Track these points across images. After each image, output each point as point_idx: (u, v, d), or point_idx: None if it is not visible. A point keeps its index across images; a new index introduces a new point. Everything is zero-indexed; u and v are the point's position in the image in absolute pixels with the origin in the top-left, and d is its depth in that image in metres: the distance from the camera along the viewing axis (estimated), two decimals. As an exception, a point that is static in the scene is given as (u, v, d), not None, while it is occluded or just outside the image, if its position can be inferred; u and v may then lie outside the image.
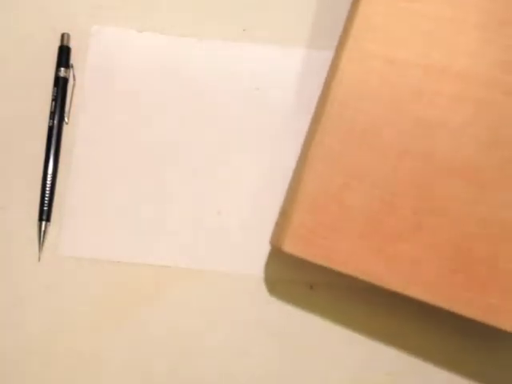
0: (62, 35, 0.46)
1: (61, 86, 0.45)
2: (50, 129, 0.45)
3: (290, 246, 0.38)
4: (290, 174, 0.42)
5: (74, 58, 0.46)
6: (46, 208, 0.44)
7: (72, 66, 0.46)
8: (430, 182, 0.38)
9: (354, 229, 0.38)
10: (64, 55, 0.46)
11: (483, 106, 0.38)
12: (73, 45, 0.46)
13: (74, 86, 0.46)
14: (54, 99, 0.45)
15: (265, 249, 0.44)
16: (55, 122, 0.45)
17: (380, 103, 0.38)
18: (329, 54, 0.42)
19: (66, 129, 0.45)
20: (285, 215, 0.39)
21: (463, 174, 0.38)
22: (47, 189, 0.44)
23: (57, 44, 0.46)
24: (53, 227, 0.44)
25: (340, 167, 0.38)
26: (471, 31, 0.38)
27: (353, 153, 0.38)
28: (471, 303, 0.37)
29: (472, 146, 0.38)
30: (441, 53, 0.38)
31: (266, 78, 0.46)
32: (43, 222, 0.44)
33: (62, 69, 0.45)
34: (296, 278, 0.44)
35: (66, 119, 0.45)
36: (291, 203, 0.39)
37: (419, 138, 0.38)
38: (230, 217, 0.44)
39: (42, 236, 0.44)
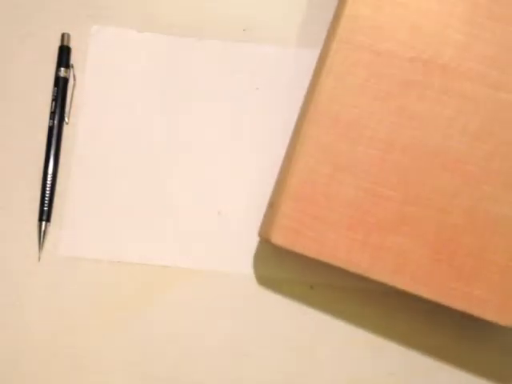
0: (62, 35, 0.46)
1: (61, 86, 0.45)
2: (50, 129, 0.45)
3: (277, 238, 0.38)
4: (290, 173, 0.42)
5: (74, 58, 0.46)
6: (46, 208, 0.44)
7: (72, 66, 0.46)
8: (416, 174, 0.38)
9: (341, 220, 0.38)
10: (64, 55, 0.46)
11: (469, 100, 0.38)
12: (73, 45, 0.46)
13: (74, 86, 0.46)
14: (54, 99, 0.45)
15: (265, 249, 0.44)
16: (55, 121, 0.45)
17: (367, 95, 0.38)
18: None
19: (66, 129, 0.45)
20: (273, 207, 0.39)
21: (449, 166, 0.38)
22: (47, 189, 0.44)
23: (57, 44, 0.46)
24: (53, 227, 0.44)
25: (327, 158, 0.38)
26: (458, 25, 0.38)
27: (340, 144, 0.38)
28: (456, 294, 0.37)
29: (458, 139, 0.38)
30: (427, 45, 0.38)
31: (266, 77, 0.46)
32: (43, 222, 0.43)
33: (62, 69, 0.45)
34: (296, 277, 0.43)
35: (66, 119, 0.45)
36: (279, 195, 0.39)
37: (405, 130, 0.38)
38: (229, 217, 0.44)
39: (42, 236, 0.43)
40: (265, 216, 0.41)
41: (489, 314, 0.37)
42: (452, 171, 0.38)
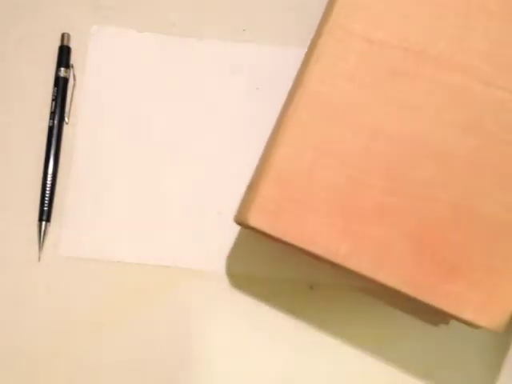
0: (62, 35, 0.46)
1: (61, 86, 0.45)
2: (50, 129, 0.45)
3: (255, 220, 0.36)
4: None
5: (74, 58, 0.46)
6: (46, 208, 0.44)
7: (72, 66, 0.46)
8: (401, 164, 0.37)
9: (322, 206, 0.37)
10: (64, 55, 0.46)
11: (459, 93, 0.37)
12: (73, 45, 0.46)
13: (74, 86, 0.46)
14: (54, 99, 0.45)
15: (265, 249, 0.44)
16: (55, 121, 0.45)
17: (356, 82, 0.38)
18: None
19: (66, 129, 0.45)
20: (252, 190, 0.38)
21: (435, 158, 0.37)
22: (47, 189, 0.44)
23: (57, 44, 0.46)
24: (53, 227, 0.44)
25: (311, 143, 0.37)
26: (452, 17, 0.38)
27: (325, 129, 0.37)
28: (435, 290, 0.36)
29: (445, 131, 0.37)
30: (420, 36, 0.38)
31: (266, 77, 0.46)
32: (43, 222, 0.44)
33: (62, 69, 0.45)
34: (296, 277, 0.43)
35: (66, 119, 0.45)
36: (259, 177, 0.38)
37: (393, 120, 0.37)
38: (230, 217, 0.44)
39: (42, 236, 0.44)
40: (242, 200, 0.40)
41: (467, 314, 0.35)
42: (438, 164, 0.37)
